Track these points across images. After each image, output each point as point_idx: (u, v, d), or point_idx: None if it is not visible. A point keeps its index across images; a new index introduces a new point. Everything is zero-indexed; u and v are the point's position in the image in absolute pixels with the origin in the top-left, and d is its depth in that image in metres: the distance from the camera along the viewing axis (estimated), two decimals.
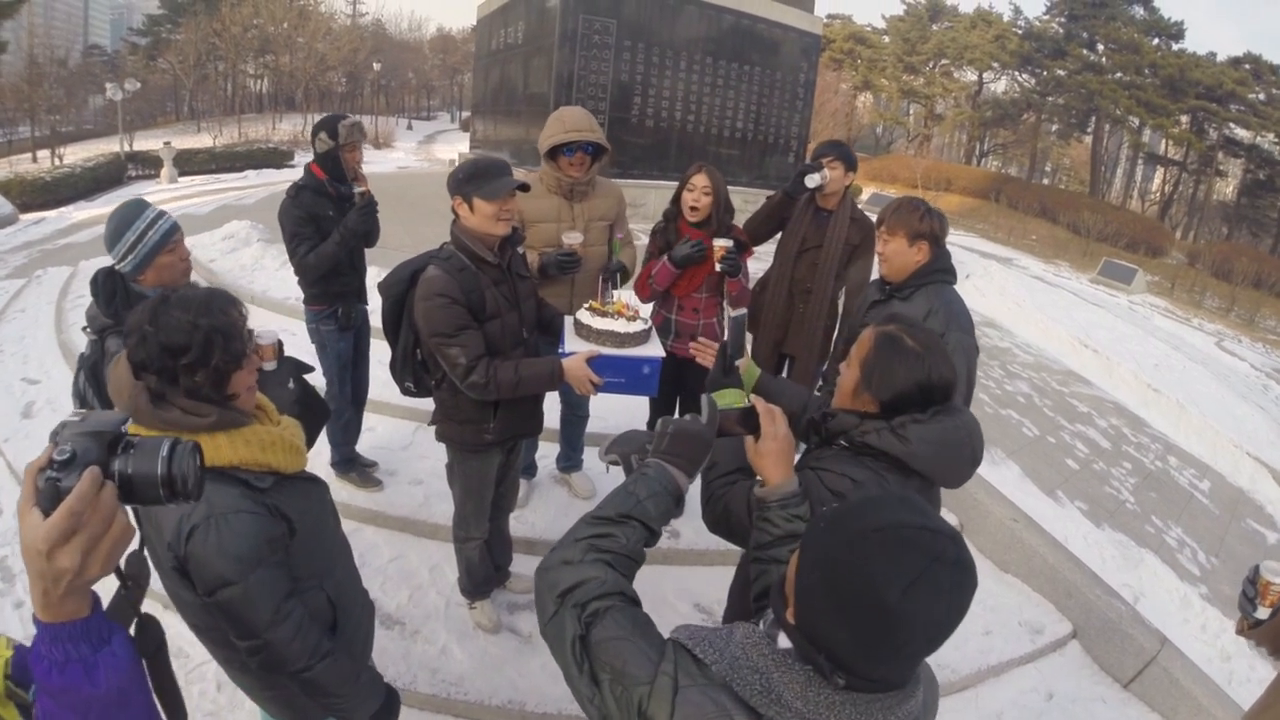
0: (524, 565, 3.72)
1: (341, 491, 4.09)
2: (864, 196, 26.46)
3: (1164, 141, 39.95)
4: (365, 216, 3.81)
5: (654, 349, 2.80)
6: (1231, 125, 36.97)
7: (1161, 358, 11.40)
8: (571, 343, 2.79)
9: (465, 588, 3.41)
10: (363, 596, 2.15)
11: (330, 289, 3.91)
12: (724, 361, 2.25)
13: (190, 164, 25.61)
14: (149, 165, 24.76)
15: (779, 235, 4.04)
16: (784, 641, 1.14)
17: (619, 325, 2.75)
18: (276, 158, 28.60)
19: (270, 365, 2.48)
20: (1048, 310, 11.15)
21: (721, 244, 3.39)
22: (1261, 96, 35.71)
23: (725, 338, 2.28)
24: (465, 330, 2.59)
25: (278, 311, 6.58)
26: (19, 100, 34.36)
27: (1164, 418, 8.37)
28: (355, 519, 4.02)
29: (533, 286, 2.98)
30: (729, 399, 2.14)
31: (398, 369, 2.91)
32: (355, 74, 50.96)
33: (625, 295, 3.08)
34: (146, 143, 30.04)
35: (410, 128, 49.26)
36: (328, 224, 3.78)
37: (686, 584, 3.85)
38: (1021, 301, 10.81)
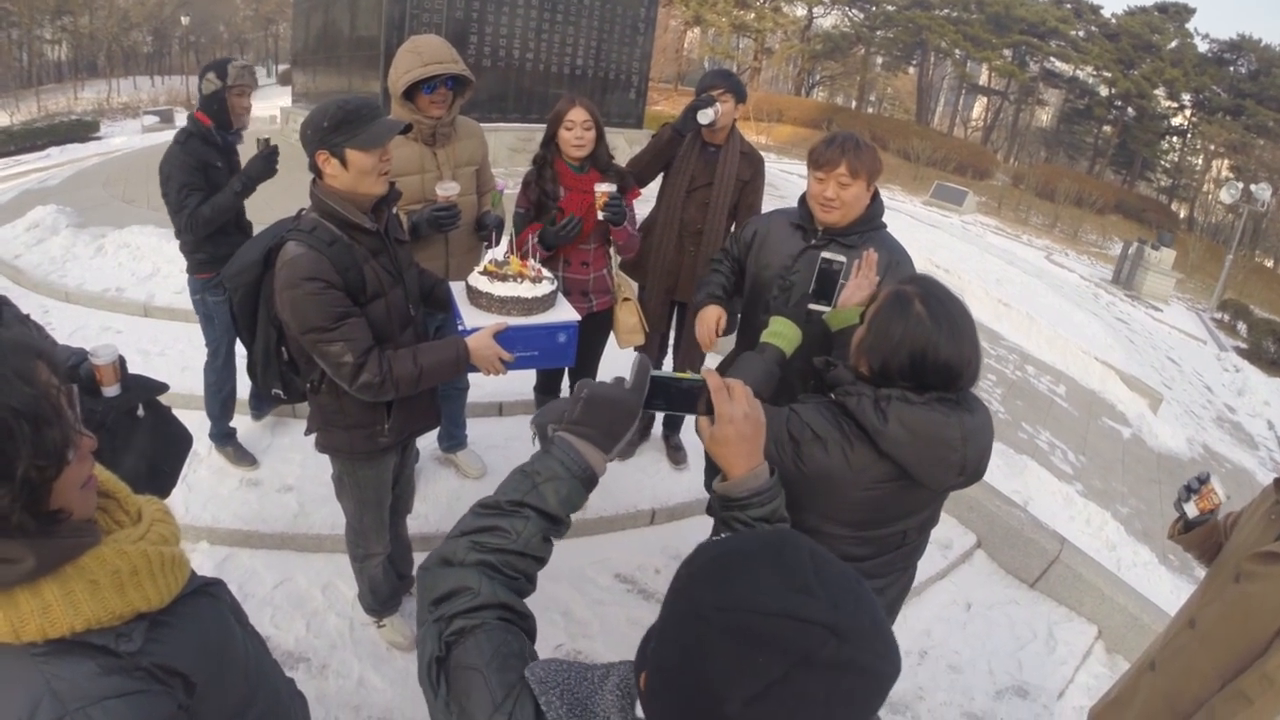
0: None
1: (205, 511, 3.57)
2: None
3: (987, 73, 42.39)
4: (269, 163, 3.51)
5: (566, 312, 2.44)
6: (1052, 59, 39.76)
7: (1001, 273, 12.13)
8: (471, 316, 2.36)
9: (370, 606, 3.01)
10: (292, 699, 1.57)
11: (218, 252, 3.53)
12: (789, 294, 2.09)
13: None
14: None
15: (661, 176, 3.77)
16: (640, 712, 0.89)
17: (524, 289, 2.33)
18: (81, 130, 25.76)
19: (113, 390, 1.94)
20: (893, 234, 11.51)
21: (603, 189, 3.02)
22: (1081, 33, 38.47)
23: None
24: (346, 320, 2.11)
25: (96, 306, 5.75)
26: None
27: (1016, 330, 8.89)
28: (224, 543, 3.52)
29: (410, 252, 2.53)
30: (777, 327, 2.03)
31: (259, 373, 2.38)
32: (162, 31, 46.62)
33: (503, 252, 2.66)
34: None
35: None
36: (216, 175, 3.50)
37: (604, 553, 3.65)
38: None
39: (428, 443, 4.01)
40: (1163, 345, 13.03)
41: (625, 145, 10.83)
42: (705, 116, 3.38)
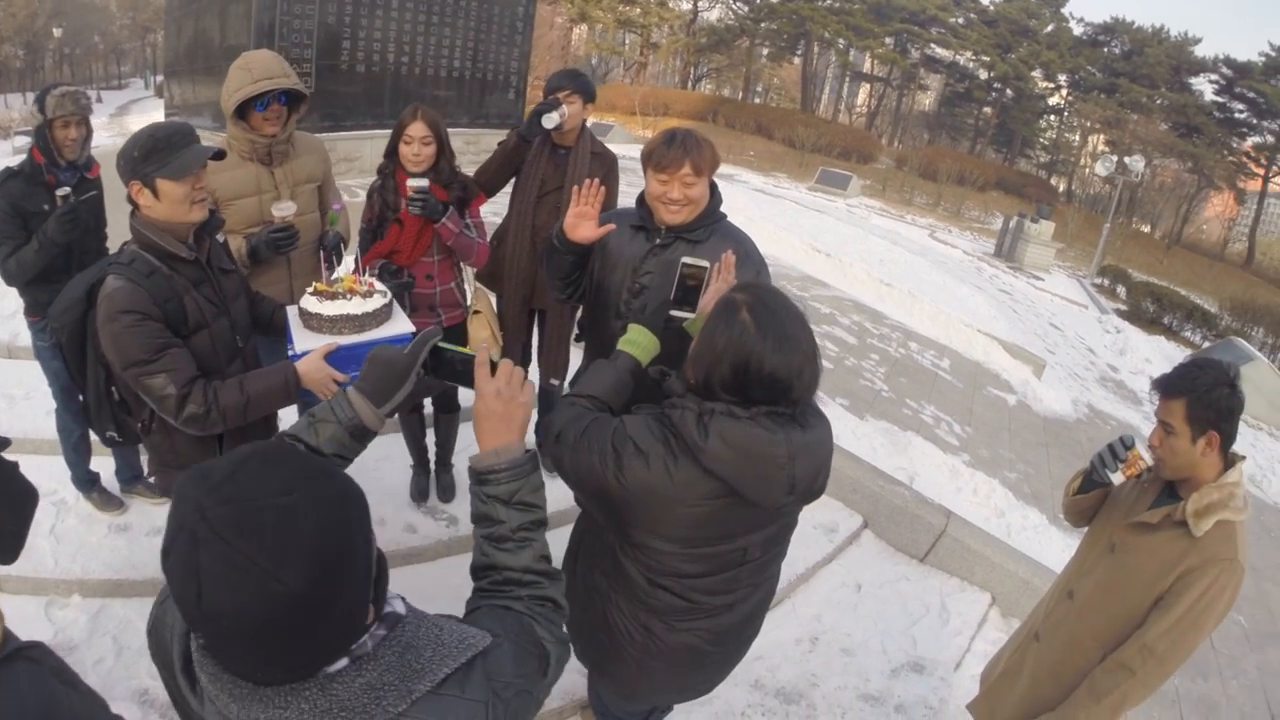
0: None
1: (74, 563, 3.36)
2: None
3: (870, 60, 43.70)
4: (65, 226, 3.19)
5: (400, 325, 2.36)
6: (933, 45, 41.51)
7: (885, 253, 12.48)
8: (301, 339, 2.29)
9: None
10: None
11: (39, 297, 3.37)
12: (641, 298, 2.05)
13: None
14: None
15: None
16: None
17: (354, 306, 2.28)
18: None
19: None
20: (776, 220, 11.74)
21: (412, 184, 3.00)
22: (961, 20, 40.43)
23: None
24: (167, 351, 2.06)
25: None
26: None
27: (899, 308, 9.17)
28: (96, 594, 3.32)
29: (240, 280, 2.47)
30: (633, 336, 1.97)
31: (93, 416, 2.29)
32: (34, 44, 43.92)
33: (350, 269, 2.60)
34: None
35: (100, 100, 42.45)
36: (38, 221, 3.23)
37: None
38: (750, 215, 11.19)
39: None
40: (1045, 313, 13.65)
41: None
42: (550, 121, 3.30)
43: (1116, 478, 2.25)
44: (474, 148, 10.45)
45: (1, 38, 39.61)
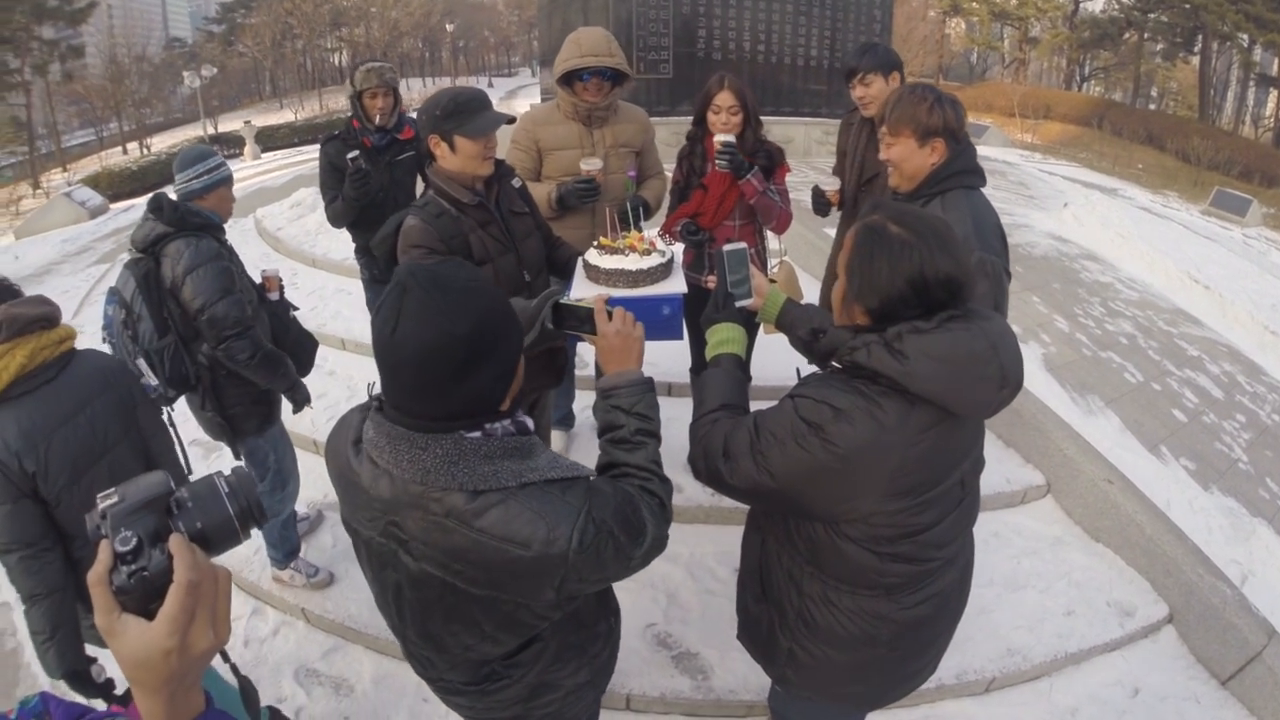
0: None
1: None
2: None
3: (1277, 61, 36.45)
4: (354, 184, 3.83)
5: (676, 284, 2.41)
6: None
7: None
8: (578, 287, 2.46)
9: None
10: None
11: (358, 241, 4.18)
12: (718, 298, 2.05)
13: (273, 140, 27.01)
14: (233, 145, 25.94)
15: None
16: None
17: (630, 262, 2.38)
18: None
19: (275, 296, 3.05)
20: (1155, 243, 10.13)
21: (719, 139, 3.12)
22: None
23: (719, 273, 2.10)
24: None
25: (336, 272, 6.98)
26: (104, 98, 37.40)
27: None
28: None
29: (535, 223, 2.72)
30: (721, 335, 2.00)
31: None
32: (431, 37, 52.04)
33: (650, 231, 2.73)
34: (231, 124, 31.65)
35: (491, 85, 49.51)
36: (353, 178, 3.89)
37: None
38: (1126, 233, 9.79)
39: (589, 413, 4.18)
40: None
41: None
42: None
43: None
44: (832, 138, 10.38)
45: (403, 32, 46.91)
